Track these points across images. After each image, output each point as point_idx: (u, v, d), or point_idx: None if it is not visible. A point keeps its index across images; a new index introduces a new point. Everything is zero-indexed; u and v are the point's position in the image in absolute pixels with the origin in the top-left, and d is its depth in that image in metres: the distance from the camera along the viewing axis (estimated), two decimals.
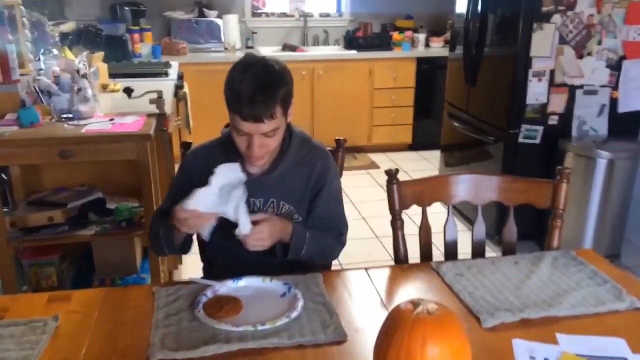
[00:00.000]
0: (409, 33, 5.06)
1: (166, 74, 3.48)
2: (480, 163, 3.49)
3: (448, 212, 1.63)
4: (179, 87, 3.31)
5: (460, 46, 3.66)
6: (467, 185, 1.63)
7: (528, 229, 2.22)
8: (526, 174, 3.14)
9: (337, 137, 1.80)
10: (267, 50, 4.89)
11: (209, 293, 1.27)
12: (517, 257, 1.51)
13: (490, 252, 2.80)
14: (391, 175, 1.54)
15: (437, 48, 5.01)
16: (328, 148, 1.66)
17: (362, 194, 4.00)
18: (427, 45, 5.12)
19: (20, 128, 2.11)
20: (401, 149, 5.13)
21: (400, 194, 1.56)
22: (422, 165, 4.80)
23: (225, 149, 1.49)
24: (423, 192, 1.60)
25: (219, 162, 1.37)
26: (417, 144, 5.11)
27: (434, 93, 4.91)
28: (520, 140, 3.15)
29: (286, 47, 4.97)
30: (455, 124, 3.76)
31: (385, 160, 4.91)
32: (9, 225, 2.12)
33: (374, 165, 4.75)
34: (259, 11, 5.12)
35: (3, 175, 2.32)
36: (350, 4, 5.24)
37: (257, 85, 1.32)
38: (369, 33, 5.08)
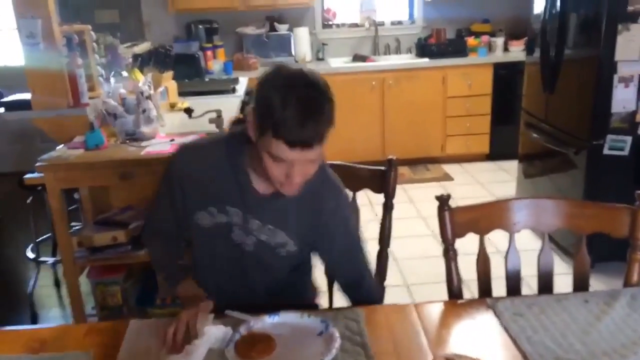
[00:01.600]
0: (485, 37, 4.83)
1: (233, 90, 3.53)
2: (561, 175, 3.24)
3: (510, 241, 1.48)
4: (245, 103, 3.34)
5: (538, 50, 3.43)
6: (529, 211, 1.48)
7: (613, 247, 1.92)
8: (613, 189, 2.92)
9: (389, 157, 1.69)
10: (338, 62, 4.86)
11: (242, 329, 1.23)
12: (588, 295, 1.34)
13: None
14: (442, 201, 1.43)
15: (517, 52, 4.73)
16: (381, 168, 1.58)
17: (433, 208, 3.82)
18: (505, 49, 4.86)
19: (86, 150, 2.20)
20: (478, 159, 4.89)
21: (453, 222, 1.44)
22: (500, 176, 4.55)
23: (232, 157, 1.32)
24: (479, 219, 1.47)
25: (222, 171, 1.31)
26: (495, 154, 4.85)
27: (514, 100, 4.63)
28: (606, 152, 2.88)
29: (357, 58, 4.91)
30: (534, 134, 3.51)
31: (460, 172, 4.70)
32: (76, 244, 2.21)
33: (447, 177, 4.56)
34: (329, 23, 5.10)
35: (74, 196, 2.43)
36: (423, 10, 5.09)
37: (307, 107, 1.13)
38: (443, 39, 4.89)
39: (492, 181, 4.45)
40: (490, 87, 4.70)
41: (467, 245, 1.52)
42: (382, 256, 1.71)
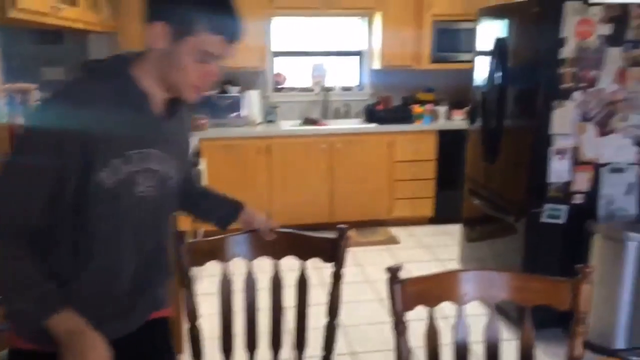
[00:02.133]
0: (429, 106, 5.05)
1: None
2: (502, 241, 3.33)
3: (459, 313, 1.49)
4: (194, 165, 3.31)
5: (479, 119, 3.60)
6: (477, 283, 1.50)
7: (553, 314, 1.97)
8: (551, 256, 3.03)
9: (339, 226, 1.70)
10: (289, 124, 4.93)
11: None
12: None
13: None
14: (393, 272, 1.43)
15: (459, 121, 4.96)
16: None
17: (380, 272, 3.83)
18: (448, 118, 5.09)
19: None
20: (422, 222, 4.99)
21: (404, 294, 1.43)
22: (444, 240, 4.64)
23: (117, 94, 1.20)
24: (429, 291, 1.47)
25: (117, 108, 1.18)
26: (439, 218, 4.97)
27: (457, 166, 4.81)
28: (544, 220, 3.00)
29: (307, 121, 5.00)
30: (476, 200, 3.64)
31: (405, 235, 4.77)
32: None
33: (393, 240, 4.61)
34: (280, 86, 5.20)
35: None
36: (372, 77, 5.29)
37: (233, 5, 1.25)
38: (390, 106, 5.08)
39: (436, 245, 4.53)
40: (435, 153, 4.87)
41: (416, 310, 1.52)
42: (331, 327, 1.68)
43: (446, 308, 1.47)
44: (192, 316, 1.66)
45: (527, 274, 1.54)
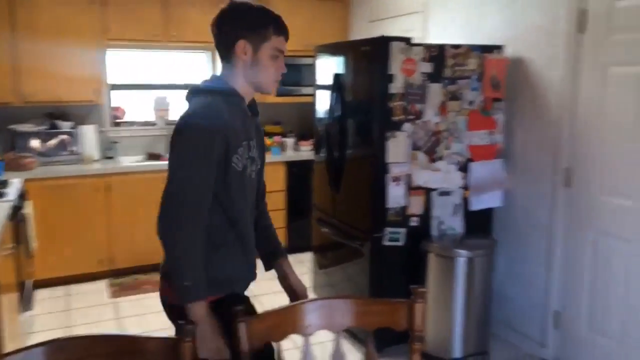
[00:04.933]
0: (277, 138, 5.14)
1: (0, 195, 3.12)
2: (351, 265, 3.46)
3: (305, 345, 1.49)
4: (18, 208, 2.97)
5: (324, 151, 3.74)
6: (321, 313, 1.52)
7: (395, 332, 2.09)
8: (395, 276, 3.21)
9: None
10: (130, 160, 4.68)
11: None
12: None
13: None
14: (237, 314, 1.39)
15: (306, 151, 5.11)
16: None
17: None
18: (296, 149, 5.22)
19: None
20: None
21: (251, 332, 1.40)
22: (297, 268, 4.65)
23: (227, 102, 1.63)
24: (275, 327, 1.46)
25: (231, 112, 1.60)
26: (292, 247, 5.03)
27: (306, 195, 4.93)
28: (385, 243, 3.18)
29: (150, 156, 4.79)
30: (324, 228, 3.75)
31: (261, 267, 4.72)
32: None
33: None
34: (119, 121, 4.93)
35: None
36: None
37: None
38: None
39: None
40: (284, 183, 4.95)
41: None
42: None
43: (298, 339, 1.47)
44: None
45: (368, 299, 1.61)
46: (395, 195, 3.17)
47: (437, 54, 3.13)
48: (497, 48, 3.29)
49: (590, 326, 2.96)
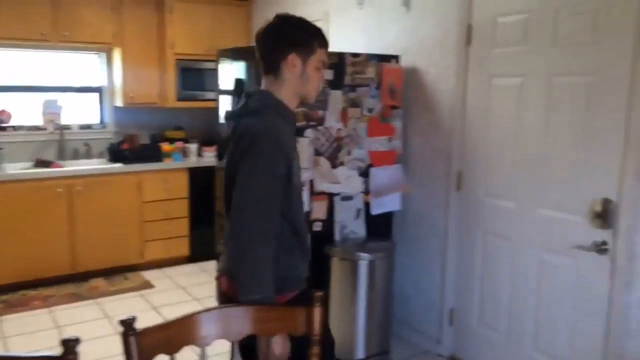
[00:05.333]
0: (179, 143, 5.00)
1: None
2: None
3: (202, 357, 1.45)
4: None
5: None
6: (218, 322, 1.49)
7: None
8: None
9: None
10: (16, 167, 4.34)
11: None
12: None
13: None
14: (127, 325, 1.32)
15: (210, 158, 5.01)
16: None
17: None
18: (200, 155, 5.10)
19: None
20: (179, 262, 4.86)
21: (142, 346, 1.34)
22: (202, 278, 4.59)
23: (281, 112, 1.72)
24: (169, 339, 1.41)
25: (285, 126, 1.71)
26: (196, 256, 4.91)
27: (210, 203, 4.84)
28: None
29: (39, 163, 4.47)
30: None
31: (160, 277, 4.57)
32: None
33: (148, 285, 4.38)
34: (3, 125, 4.55)
35: None
36: (115, 116, 5.01)
37: None
38: (136, 145, 4.88)
39: (194, 284, 4.45)
40: (187, 190, 4.83)
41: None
42: None
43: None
44: None
45: (267, 305, 1.58)
46: None
47: (338, 61, 3.19)
48: (394, 58, 3.42)
49: (481, 321, 3.14)
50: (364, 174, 3.38)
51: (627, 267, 2.35)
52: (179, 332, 1.44)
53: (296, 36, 1.71)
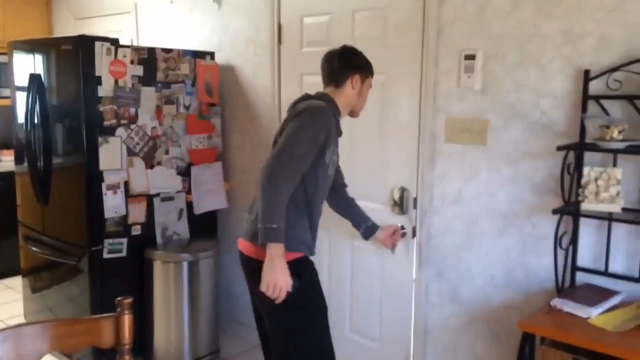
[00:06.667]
0: None
1: None
2: (69, 284, 3.15)
3: None
4: None
5: (27, 160, 3.32)
6: (11, 344, 1.34)
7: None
8: (117, 290, 3.03)
9: None
10: None
11: None
12: None
13: None
14: None
15: (9, 162, 4.46)
16: None
17: None
18: None
19: None
20: None
21: None
22: (6, 296, 4.10)
23: (334, 111, 2.05)
24: None
25: (334, 120, 2.03)
26: None
27: (10, 212, 4.31)
28: (105, 255, 2.99)
29: None
30: (34, 247, 3.34)
31: None
32: None
33: None
34: None
35: None
36: None
37: None
38: None
39: None
40: None
41: None
42: None
43: None
44: None
45: (69, 319, 1.47)
46: (113, 204, 3.00)
47: (148, 56, 3.06)
48: (209, 54, 3.38)
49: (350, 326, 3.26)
50: (184, 173, 3.30)
51: (425, 247, 2.63)
52: None
53: (360, 62, 2.15)
